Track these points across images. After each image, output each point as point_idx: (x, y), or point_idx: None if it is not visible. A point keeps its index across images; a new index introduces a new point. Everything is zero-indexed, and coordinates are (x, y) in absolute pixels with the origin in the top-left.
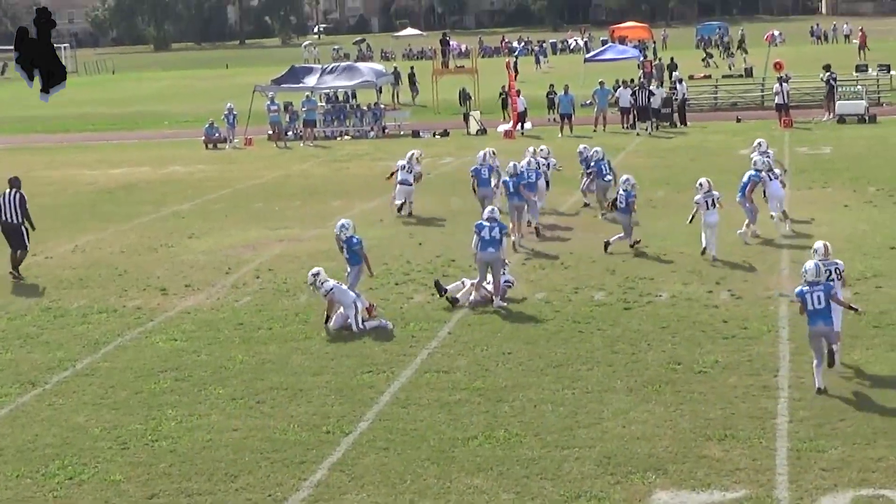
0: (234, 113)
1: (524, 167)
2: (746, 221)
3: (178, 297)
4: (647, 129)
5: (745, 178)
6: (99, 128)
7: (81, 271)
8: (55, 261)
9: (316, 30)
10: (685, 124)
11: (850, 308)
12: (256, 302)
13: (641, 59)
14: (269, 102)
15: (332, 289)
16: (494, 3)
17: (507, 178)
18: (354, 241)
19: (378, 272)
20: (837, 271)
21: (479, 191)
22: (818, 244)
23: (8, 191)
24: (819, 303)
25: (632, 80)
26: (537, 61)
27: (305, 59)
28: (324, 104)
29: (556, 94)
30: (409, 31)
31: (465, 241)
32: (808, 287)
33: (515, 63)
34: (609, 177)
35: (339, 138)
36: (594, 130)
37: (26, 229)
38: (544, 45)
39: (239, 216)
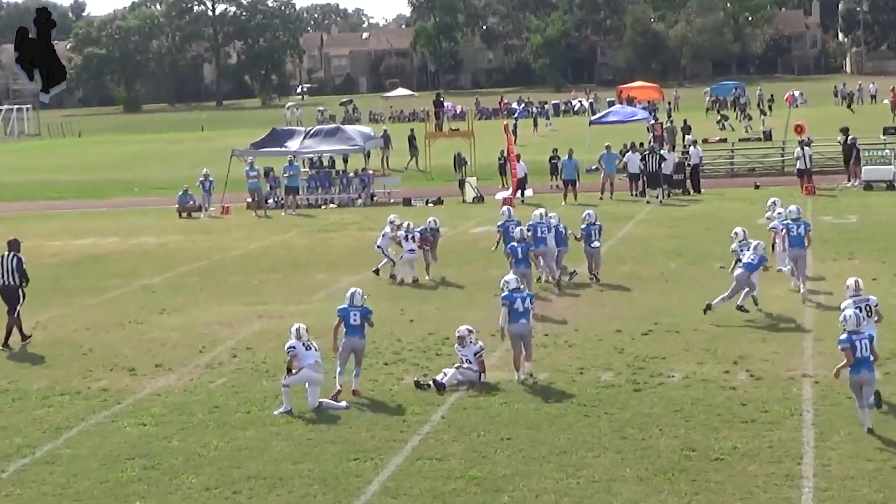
0: (211, 179)
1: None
2: (746, 291)
3: (147, 378)
4: (657, 197)
5: (755, 254)
6: (64, 195)
7: (43, 350)
8: (15, 339)
9: (299, 90)
10: (699, 191)
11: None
12: (233, 383)
13: (651, 121)
14: (247, 168)
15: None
16: (492, 60)
17: (515, 244)
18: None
19: (368, 350)
20: (868, 308)
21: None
22: (850, 281)
23: (6, 253)
24: (865, 350)
25: (641, 144)
26: (535, 124)
27: (288, 122)
28: (307, 170)
29: (559, 158)
30: (400, 91)
31: (459, 317)
32: (855, 335)
33: (515, 126)
34: (597, 243)
35: (323, 206)
36: (600, 198)
37: (23, 292)
38: (546, 106)
39: (215, 290)
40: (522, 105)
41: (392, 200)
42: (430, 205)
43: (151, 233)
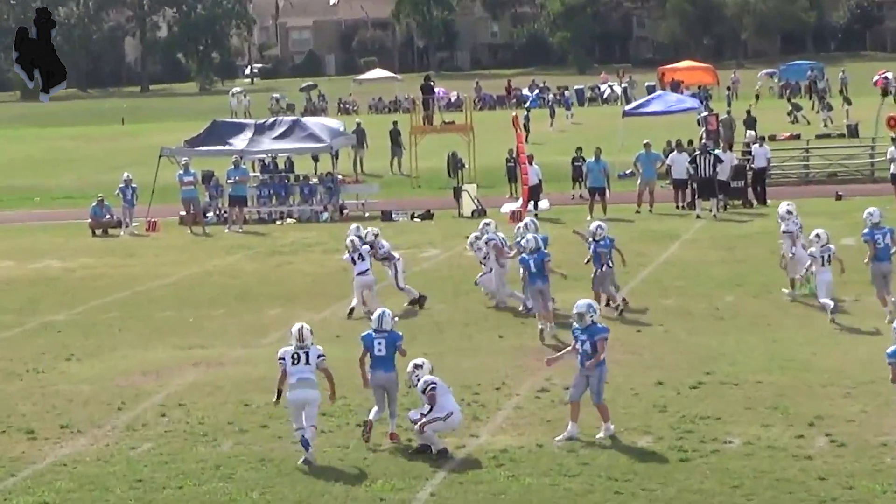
0: (133, 186)
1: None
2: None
3: (50, 443)
4: (711, 210)
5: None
6: None
7: None
8: None
9: (248, 71)
10: (764, 202)
11: None
12: (161, 450)
13: (703, 112)
14: (181, 172)
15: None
16: (497, 33)
17: (527, 256)
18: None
19: (336, 407)
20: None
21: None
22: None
23: None
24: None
25: (690, 142)
26: (553, 115)
27: (233, 112)
28: (258, 174)
29: (583, 160)
30: (378, 72)
31: (454, 365)
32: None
33: (526, 118)
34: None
35: (279, 222)
36: (637, 211)
37: None
38: (567, 93)
39: (138, 330)
40: (536, 91)
41: (367, 214)
42: (417, 219)
43: (56, 255)
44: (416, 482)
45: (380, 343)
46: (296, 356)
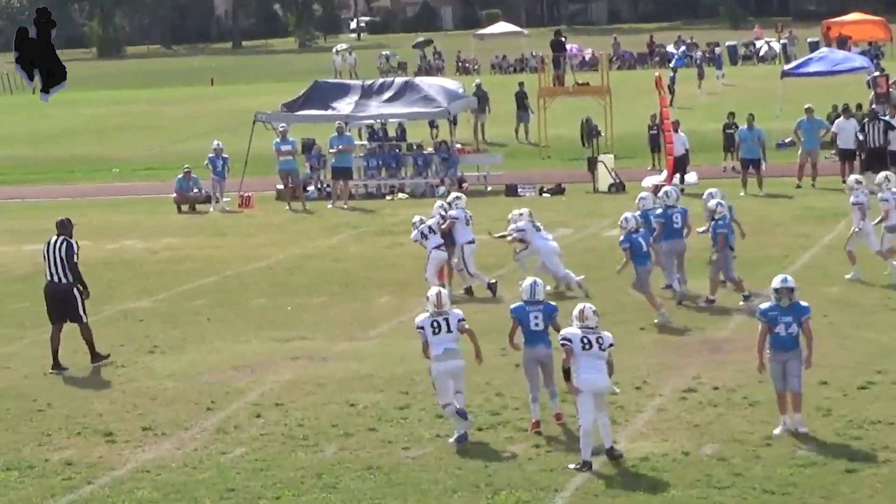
0: (225, 156)
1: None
2: None
3: (131, 447)
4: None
5: None
6: (8, 179)
7: None
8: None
9: (354, 25)
10: None
11: None
12: (256, 456)
13: (875, 72)
14: (278, 140)
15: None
16: None
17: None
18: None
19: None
20: None
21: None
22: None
23: (54, 238)
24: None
25: (859, 107)
26: (701, 75)
27: (337, 72)
28: (365, 143)
29: (736, 127)
30: (502, 26)
31: None
32: None
33: (672, 79)
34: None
35: (389, 197)
36: (798, 185)
37: (80, 291)
38: (718, 50)
39: (228, 320)
40: (682, 48)
41: (489, 188)
42: (546, 195)
43: (137, 234)
44: (544, 494)
45: (536, 316)
46: (435, 324)
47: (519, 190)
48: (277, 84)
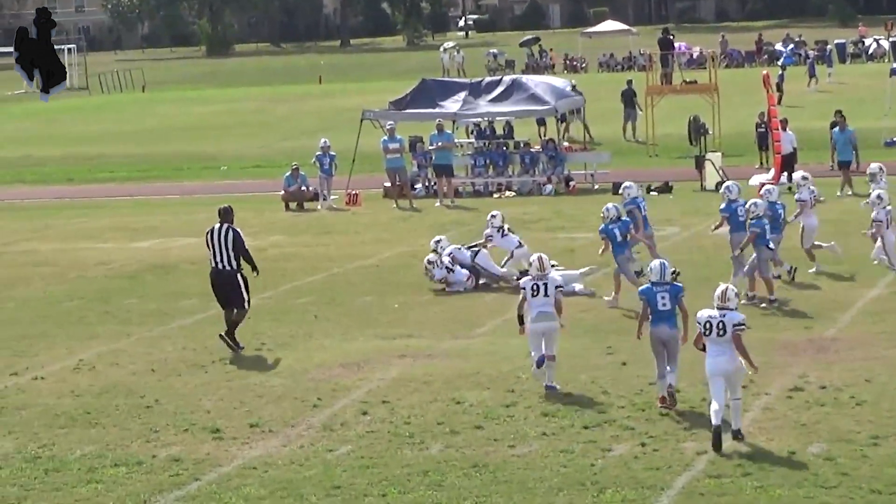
0: (332, 154)
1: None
2: None
3: (238, 444)
4: None
5: None
6: (118, 176)
7: (88, 400)
8: (49, 384)
9: (462, 23)
10: None
11: None
12: (362, 453)
13: None
14: (386, 138)
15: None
16: None
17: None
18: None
19: (559, 406)
20: None
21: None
22: None
23: (217, 226)
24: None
25: None
26: (812, 74)
27: (445, 70)
28: (472, 140)
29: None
30: (610, 24)
31: (696, 360)
32: None
33: (780, 77)
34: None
35: (496, 195)
36: None
37: (245, 278)
38: (828, 48)
39: (335, 317)
40: (791, 46)
41: (597, 186)
42: (654, 192)
43: (245, 232)
44: (650, 493)
45: (663, 297)
46: (535, 287)
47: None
48: (385, 82)
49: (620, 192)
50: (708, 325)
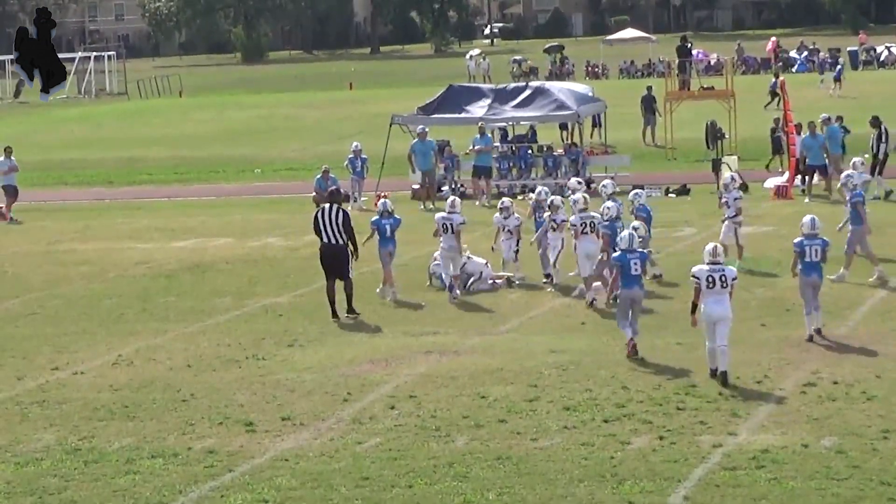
0: (363, 157)
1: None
2: None
3: (270, 436)
4: None
5: None
6: (156, 179)
7: (126, 395)
8: (88, 378)
9: (487, 31)
10: None
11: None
12: (390, 446)
13: None
14: (415, 141)
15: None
16: None
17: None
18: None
19: (580, 401)
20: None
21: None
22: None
23: (327, 206)
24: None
25: None
26: (838, 78)
27: (471, 76)
28: (497, 144)
29: (847, 132)
30: (630, 32)
31: (706, 357)
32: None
33: (773, 84)
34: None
35: (520, 196)
36: None
37: (351, 253)
38: (840, 56)
39: (365, 315)
40: (805, 53)
41: (616, 188)
42: (672, 195)
43: (278, 232)
44: (667, 484)
45: (636, 263)
46: (710, 279)
47: (646, 189)
48: (413, 88)
49: (630, 198)
50: (710, 279)
